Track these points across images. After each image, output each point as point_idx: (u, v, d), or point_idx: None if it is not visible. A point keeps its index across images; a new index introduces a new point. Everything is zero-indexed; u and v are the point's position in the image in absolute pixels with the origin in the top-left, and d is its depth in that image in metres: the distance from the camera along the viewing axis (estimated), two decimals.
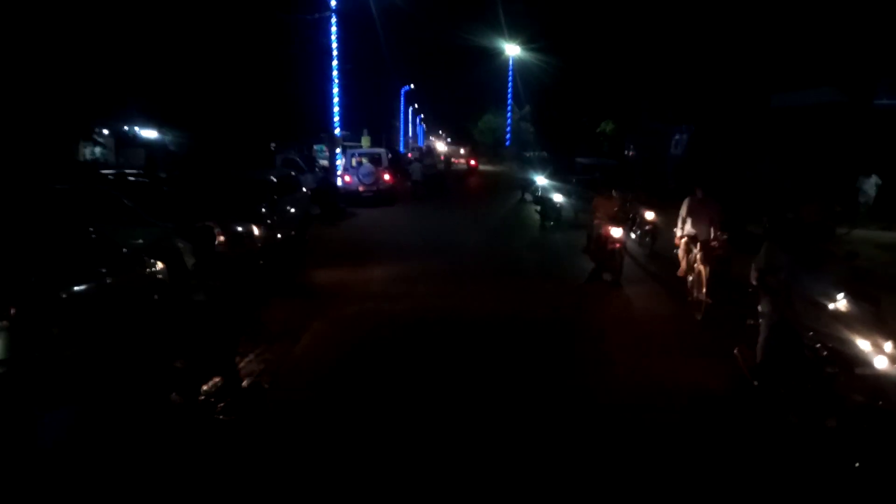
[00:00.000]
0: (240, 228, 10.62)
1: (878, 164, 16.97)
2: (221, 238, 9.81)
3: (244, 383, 6.39)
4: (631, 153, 33.76)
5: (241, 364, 6.88)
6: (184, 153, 33.10)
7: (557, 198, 17.88)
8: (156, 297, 8.06)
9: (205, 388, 6.27)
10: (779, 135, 18.56)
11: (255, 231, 11.41)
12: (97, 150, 33.02)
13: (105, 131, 33.09)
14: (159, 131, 35.30)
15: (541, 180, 20.53)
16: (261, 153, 29.29)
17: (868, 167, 17.19)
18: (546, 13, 38.56)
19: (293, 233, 13.98)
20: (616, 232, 10.31)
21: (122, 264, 7.48)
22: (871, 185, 17.62)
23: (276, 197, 12.74)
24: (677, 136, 29.62)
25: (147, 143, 34.57)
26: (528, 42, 46.67)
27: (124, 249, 7.71)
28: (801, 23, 16.84)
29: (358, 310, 9.10)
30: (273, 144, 35.01)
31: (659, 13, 24.06)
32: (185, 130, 33.63)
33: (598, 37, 30.92)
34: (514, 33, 48.07)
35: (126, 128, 32.23)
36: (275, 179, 13.07)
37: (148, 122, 34.40)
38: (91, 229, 7.83)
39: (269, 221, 11.95)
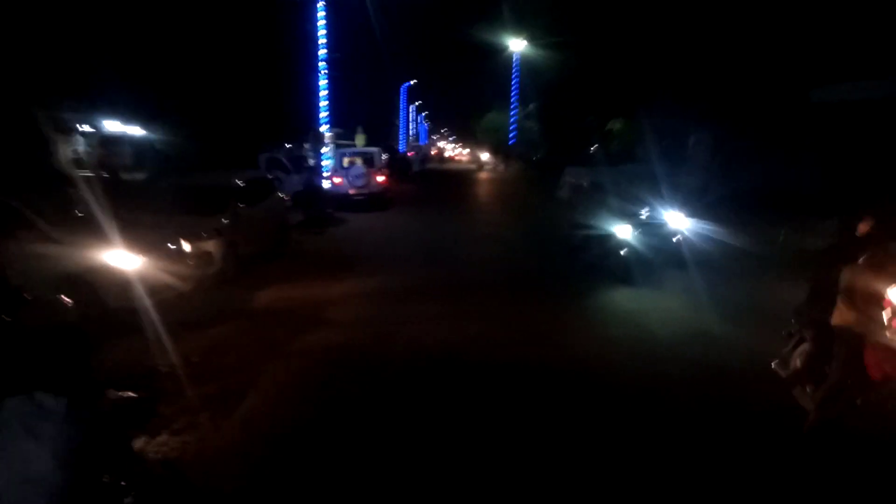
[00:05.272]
0: (186, 245, 8.66)
1: None
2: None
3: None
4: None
5: (146, 446, 4.92)
6: (169, 152, 31.36)
7: None
8: (60, 343, 6.15)
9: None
10: (819, 134, 16.49)
11: (211, 247, 9.50)
12: (80, 148, 31.23)
13: (87, 128, 31.37)
14: (146, 129, 33.53)
15: (623, 232, 10.56)
16: (246, 152, 27.40)
17: None
18: (554, 5, 36.56)
19: (265, 246, 12.03)
20: None
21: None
22: None
23: (241, 205, 10.77)
24: (695, 136, 27.54)
25: (132, 142, 32.85)
26: (534, 37, 44.73)
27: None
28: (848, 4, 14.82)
29: (326, 352, 7.13)
30: (265, 143, 33.30)
31: None
32: (171, 128, 31.86)
33: (610, 27, 28.92)
34: (520, 28, 46.18)
35: (105, 124, 30.34)
36: (240, 184, 11.09)
37: (133, 120, 32.68)
38: None
39: (227, 235, 9.99)
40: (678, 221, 10.42)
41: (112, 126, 32.29)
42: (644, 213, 10.72)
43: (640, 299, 9.53)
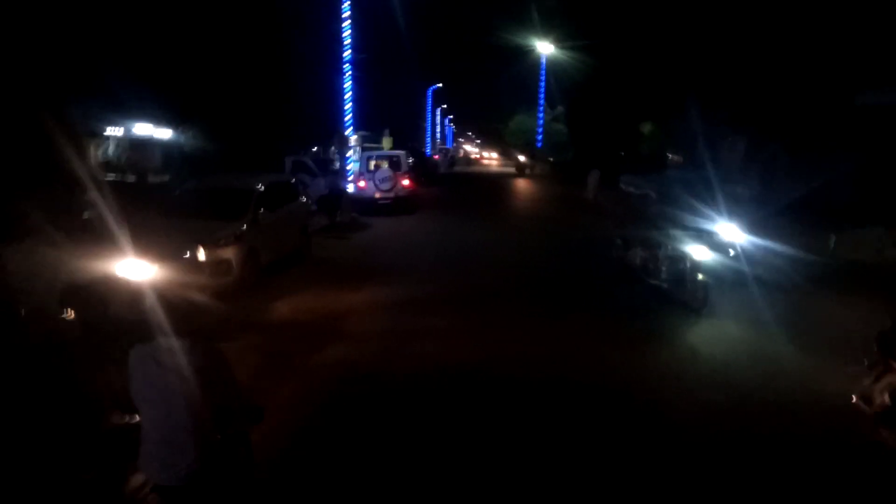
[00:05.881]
0: (202, 253, 8.26)
1: None
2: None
3: None
4: (675, 158, 30.87)
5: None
6: (197, 155, 31.38)
7: None
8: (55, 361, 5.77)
9: None
10: (864, 138, 15.60)
11: (229, 254, 9.10)
12: (109, 151, 31.40)
13: (118, 130, 31.51)
14: (175, 132, 33.64)
15: (700, 253, 8.98)
16: (273, 155, 27.23)
17: None
18: (583, 6, 35.83)
19: (286, 252, 11.61)
20: None
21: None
22: None
23: (261, 210, 10.37)
24: (729, 139, 26.68)
25: (160, 145, 32.97)
26: (561, 39, 44.01)
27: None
28: None
29: (344, 371, 6.66)
30: (293, 146, 33.16)
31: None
32: (199, 131, 31.88)
33: (641, 28, 28.12)
34: (548, 30, 45.50)
35: (134, 127, 30.38)
36: (261, 188, 10.67)
37: (162, 122, 32.77)
38: None
39: (246, 242, 9.58)
40: (732, 234, 9.58)
41: (141, 129, 32.42)
42: (705, 227, 9.59)
43: (689, 318, 8.72)
